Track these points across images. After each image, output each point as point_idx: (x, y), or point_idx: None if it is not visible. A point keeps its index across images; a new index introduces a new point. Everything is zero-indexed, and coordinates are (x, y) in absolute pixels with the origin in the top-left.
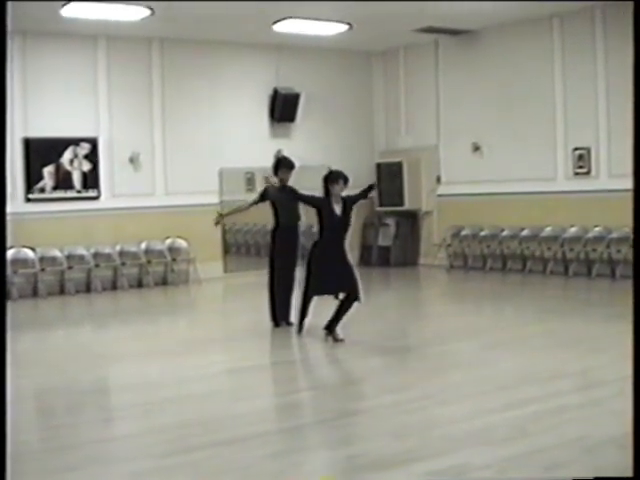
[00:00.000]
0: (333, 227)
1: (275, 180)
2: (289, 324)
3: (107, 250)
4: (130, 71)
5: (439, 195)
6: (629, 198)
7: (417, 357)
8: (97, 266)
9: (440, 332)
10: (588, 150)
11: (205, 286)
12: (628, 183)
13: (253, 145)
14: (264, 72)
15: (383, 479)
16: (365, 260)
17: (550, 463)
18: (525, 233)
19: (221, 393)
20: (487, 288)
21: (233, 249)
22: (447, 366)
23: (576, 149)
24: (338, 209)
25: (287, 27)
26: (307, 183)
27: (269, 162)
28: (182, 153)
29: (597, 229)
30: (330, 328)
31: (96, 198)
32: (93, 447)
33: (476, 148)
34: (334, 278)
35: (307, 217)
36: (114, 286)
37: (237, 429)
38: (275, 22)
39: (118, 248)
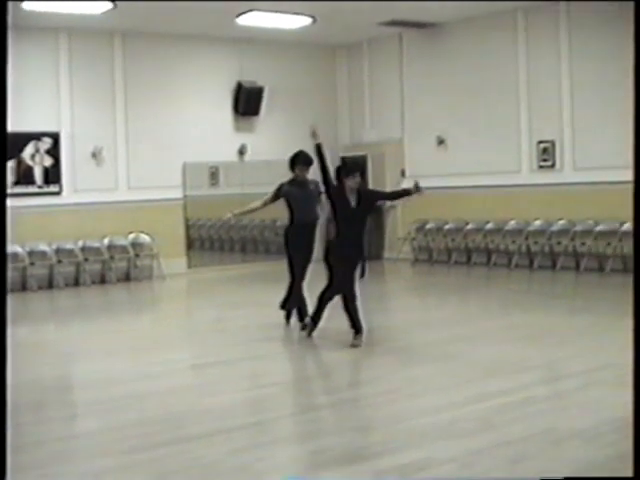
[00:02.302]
0: (347, 220)
1: (317, 132)
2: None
3: (69, 246)
4: (92, 65)
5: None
6: (593, 191)
7: (382, 351)
8: (59, 262)
9: (405, 326)
10: (552, 143)
11: (169, 282)
12: (592, 176)
13: (217, 139)
14: (228, 65)
15: (348, 474)
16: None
17: (516, 456)
18: (490, 226)
19: (185, 389)
20: (452, 281)
21: (197, 244)
22: (412, 360)
23: (540, 142)
24: (353, 201)
25: (251, 20)
26: (270, 178)
27: (233, 156)
28: (145, 147)
29: (561, 222)
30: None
31: (58, 193)
32: (56, 444)
33: (440, 142)
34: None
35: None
36: (77, 282)
37: (201, 425)
38: (238, 15)
39: (80, 244)
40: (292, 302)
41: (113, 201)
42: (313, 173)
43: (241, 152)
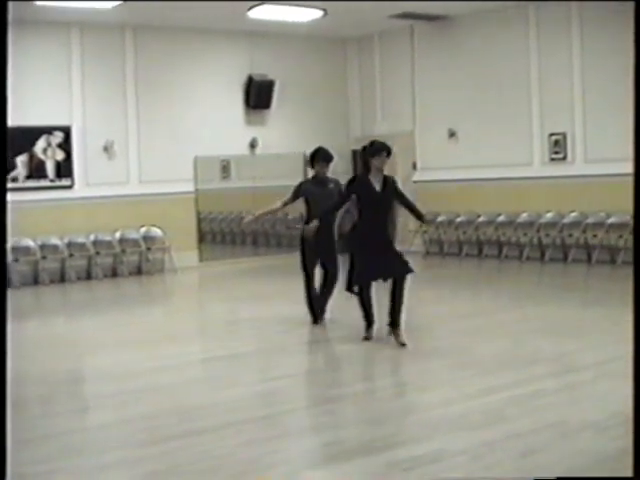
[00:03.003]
0: (372, 205)
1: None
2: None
3: (81, 239)
4: (103, 59)
5: (415, 181)
6: (605, 183)
7: (394, 344)
8: (71, 256)
9: (417, 318)
10: (564, 135)
11: (180, 275)
12: (604, 168)
13: (228, 132)
14: (239, 59)
15: (360, 466)
16: (342, 247)
17: (526, 448)
18: (501, 219)
19: (196, 382)
20: (463, 274)
21: (208, 238)
22: (424, 352)
23: (552, 135)
24: (378, 185)
25: (261, 13)
26: (282, 171)
27: (244, 150)
28: (156, 141)
29: (573, 214)
30: (393, 323)
31: (70, 187)
32: (67, 438)
33: (452, 134)
34: (377, 265)
35: None
36: (88, 276)
37: (212, 418)
38: (250, 8)
39: (92, 237)
40: (319, 302)
41: (125, 195)
42: (333, 171)
43: (252, 145)
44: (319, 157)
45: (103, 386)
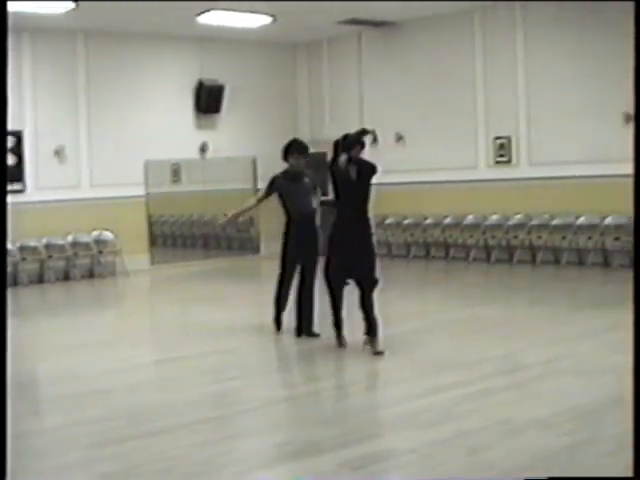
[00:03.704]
0: (349, 195)
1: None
2: (311, 335)
3: (33, 243)
4: (55, 64)
5: None
6: (548, 186)
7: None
8: (23, 259)
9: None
10: (509, 139)
11: (132, 278)
12: (547, 171)
13: (179, 137)
14: (189, 64)
15: (310, 466)
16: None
17: (474, 446)
18: (448, 221)
19: (149, 384)
20: (411, 275)
21: (160, 241)
22: (369, 352)
23: (497, 138)
24: (353, 173)
25: (211, 19)
26: (232, 175)
27: (195, 154)
28: (107, 145)
29: (518, 216)
30: (368, 333)
31: (21, 191)
32: (22, 440)
33: (399, 138)
34: (350, 262)
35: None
36: (41, 279)
37: (165, 419)
38: (199, 14)
39: (44, 241)
40: (283, 303)
41: (76, 198)
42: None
43: (202, 149)
44: (293, 149)
45: (56, 389)
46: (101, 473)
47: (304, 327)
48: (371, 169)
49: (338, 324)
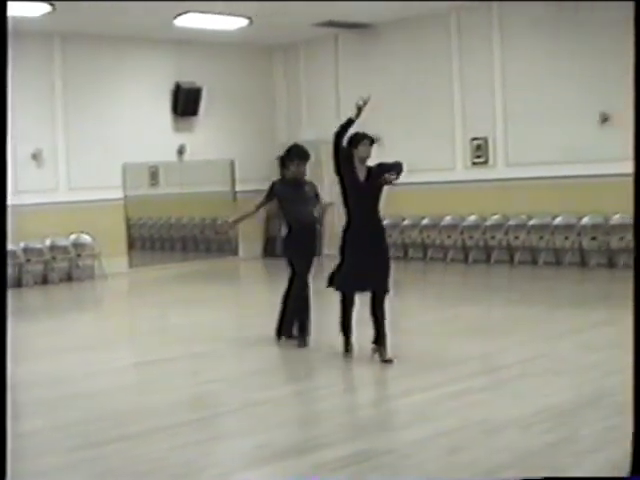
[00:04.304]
0: (359, 198)
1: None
2: (291, 337)
3: (11, 247)
4: (31, 67)
5: None
6: (525, 186)
7: (320, 346)
8: None
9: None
10: (485, 140)
11: (111, 281)
12: (524, 172)
13: (156, 139)
14: (166, 67)
15: (289, 467)
16: (269, 251)
17: (452, 446)
18: (426, 222)
19: (128, 387)
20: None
21: (138, 244)
22: (349, 356)
23: (474, 139)
24: (362, 175)
25: (188, 22)
26: (209, 177)
27: (173, 156)
28: (85, 148)
29: (495, 217)
30: (377, 341)
31: None
32: None
33: (377, 140)
34: (364, 271)
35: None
36: (19, 283)
37: (144, 422)
38: (176, 16)
39: (22, 245)
40: (293, 313)
41: (54, 202)
42: (260, 176)
43: (180, 152)
44: (294, 155)
45: (35, 392)
46: (81, 476)
47: (284, 329)
48: (378, 169)
49: (347, 329)
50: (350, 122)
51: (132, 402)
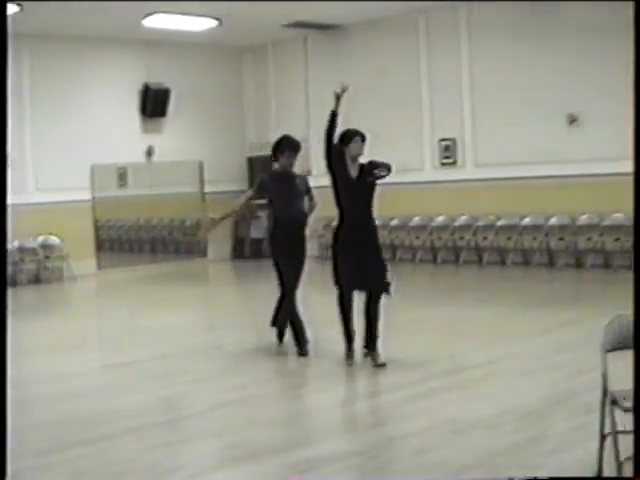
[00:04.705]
0: (351, 196)
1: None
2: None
3: None
4: None
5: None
6: (494, 187)
7: (290, 347)
8: None
9: (311, 321)
10: (454, 141)
11: (79, 283)
12: (493, 172)
13: (124, 141)
14: (134, 68)
15: (258, 469)
16: (238, 253)
17: (420, 447)
18: (394, 223)
19: (97, 389)
20: None
21: (106, 245)
22: (318, 355)
23: (442, 140)
24: (354, 172)
25: (156, 22)
26: (178, 178)
27: (141, 157)
28: (53, 149)
29: (464, 217)
30: (368, 345)
31: None
32: None
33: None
34: (360, 272)
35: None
36: None
37: (114, 425)
38: (144, 17)
39: None
40: (283, 317)
41: (21, 203)
42: (229, 177)
43: (149, 153)
44: (284, 146)
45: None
46: None
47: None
48: (376, 169)
49: (350, 336)
50: (334, 115)
51: (101, 404)
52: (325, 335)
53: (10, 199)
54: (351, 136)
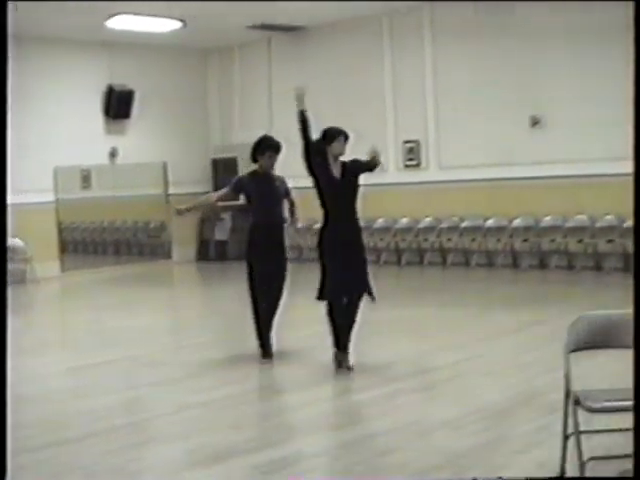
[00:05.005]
0: (336, 196)
1: (303, 97)
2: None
3: None
4: None
5: None
6: (457, 189)
7: (254, 348)
8: None
9: (277, 323)
10: (418, 143)
11: (43, 285)
12: (456, 174)
13: (88, 142)
14: (98, 69)
15: (223, 470)
16: (202, 255)
17: (384, 448)
18: None
19: (60, 392)
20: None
21: (70, 247)
22: (281, 357)
23: (406, 142)
24: (337, 173)
25: (120, 23)
26: (142, 180)
27: (105, 159)
28: (16, 151)
29: (428, 219)
30: (339, 346)
31: None
32: None
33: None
34: (349, 277)
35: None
36: None
37: (76, 428)
38: (108, 18)
39: None
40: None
41: None
42: (193, 179)
43: (113, 155)
44: (265, 146)
45: None
46: None
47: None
48: (358, 167)
49: (338, 343)
50: (302, 114)
51: (66, 407)
52: (291, 338)
53: None
54: (334, 134)
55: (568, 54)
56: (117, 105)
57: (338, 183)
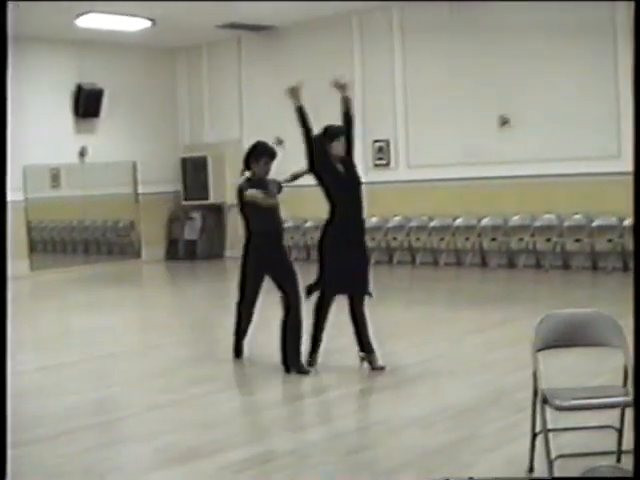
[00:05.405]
0: (344, 190)
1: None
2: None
3: None
4: None
5: None
6: (426, 188)
7: (224, 348)
8: None
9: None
10: (387, 142)
11: (11, 285)
12: (425, 174)
13: (57, 141)
14: (67, 67)
15: (193, 470)
16: (172, 254)
17: (353, 446)
18: None
19: (30, 392)
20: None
21: (39, 247)
22: (250, 357)
23: (376, 141)
24: (341, 167)
25: (90, 22)
26: (111, 179)
27: (74, 158)
28: None
29: (397, 218)
30: (364, 349)
31: None
32: None
33: (279, 142)
34: (348, 275)
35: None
36: None
37: (45, 427)
38: (77, 16)
39: None
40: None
41: None
42: (162, 179)
43: (82, 154)
44: (261, 153)
45: None
46: None
47: (291, 362)
48: (351, 161)
49: (317, 344)
50: (300, 109)
51: (35, 406)
52: (261, 338)
53: None
54: (336, 133)
55: (537, 54)
56: (86, 104)
57: (345, 177)
